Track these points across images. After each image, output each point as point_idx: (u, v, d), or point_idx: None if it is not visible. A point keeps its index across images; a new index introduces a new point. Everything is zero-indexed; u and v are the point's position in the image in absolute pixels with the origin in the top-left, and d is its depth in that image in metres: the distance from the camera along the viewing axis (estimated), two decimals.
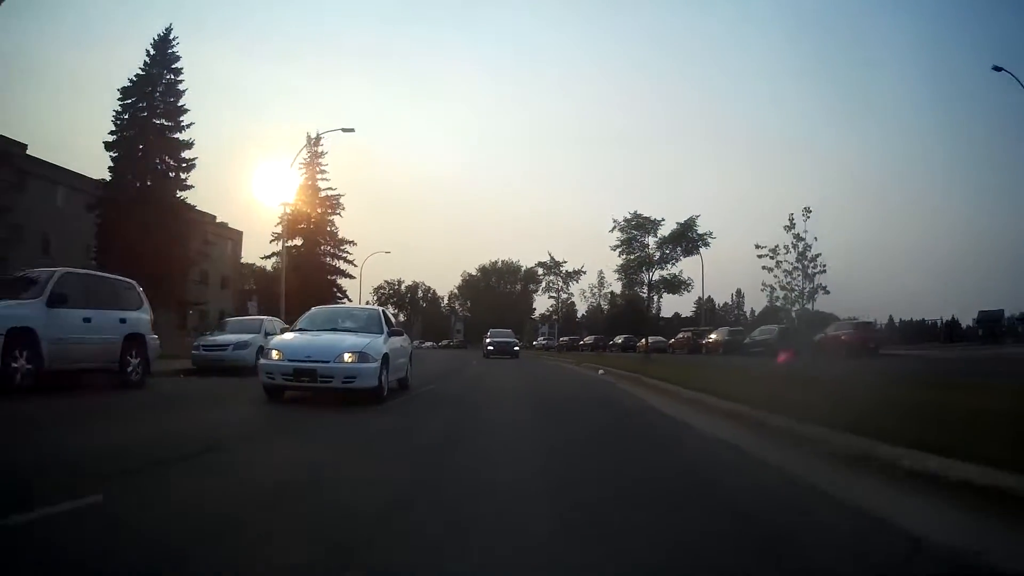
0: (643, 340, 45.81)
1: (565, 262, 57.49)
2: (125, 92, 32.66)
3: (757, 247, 25.92)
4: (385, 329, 10.90)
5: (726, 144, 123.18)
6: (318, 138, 44.30)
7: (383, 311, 12.21)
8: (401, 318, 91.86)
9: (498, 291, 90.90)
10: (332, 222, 47.85)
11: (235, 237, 50.38)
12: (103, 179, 32.43)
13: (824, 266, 25.06)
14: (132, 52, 53.34)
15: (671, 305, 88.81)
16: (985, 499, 3.47)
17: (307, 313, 11.93)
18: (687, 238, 29.47)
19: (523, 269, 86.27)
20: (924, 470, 4.03)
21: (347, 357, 9.29)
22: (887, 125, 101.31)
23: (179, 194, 32.40)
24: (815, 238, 25.04)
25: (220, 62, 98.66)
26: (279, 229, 45.81)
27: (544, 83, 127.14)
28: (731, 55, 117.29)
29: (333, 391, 9.35)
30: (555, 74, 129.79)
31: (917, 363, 20.27)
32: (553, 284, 60.24)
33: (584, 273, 63.38)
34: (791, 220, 24.86)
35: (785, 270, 25.45)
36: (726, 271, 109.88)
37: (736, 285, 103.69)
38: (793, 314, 28.25)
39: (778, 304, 28.52)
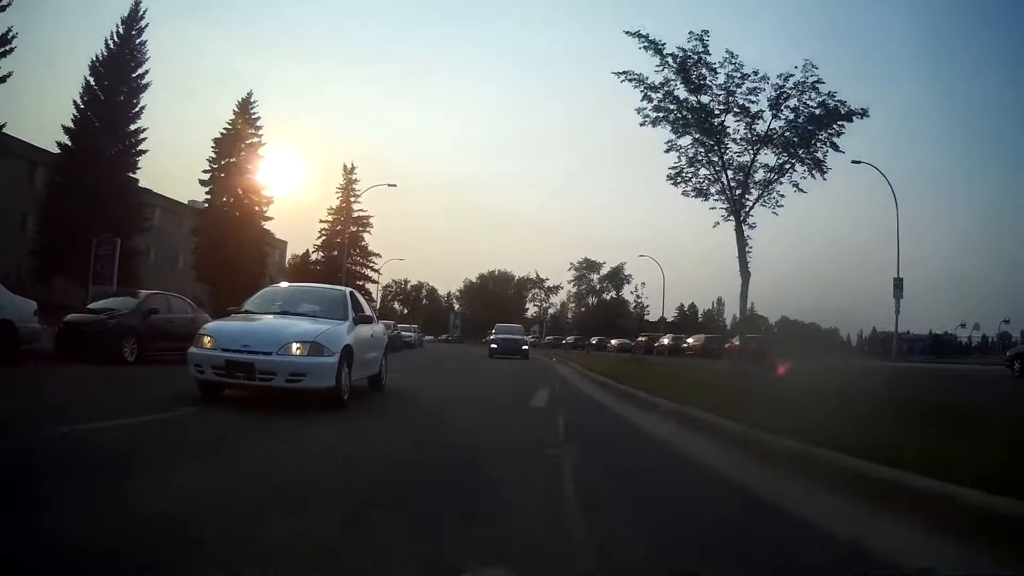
0: (612, 341, 57.82)
1: (547, 279, 70.51)
2: (218, 143, 43.16)
3: None
4: (350, 315, 8.97)
5: None
6: (353, 168, 55.85)
7: (351, 292, 10.16)
8: (404, 312, 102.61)
9: (493, 293, 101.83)
10: (362, 238, 58.71)
11: (281, 246, 60.97)
12: (203, 206, 43.23)
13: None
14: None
15: (657, 311, 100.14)
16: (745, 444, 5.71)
17: (257, 294, 10.01)
18: (618, 277, 40.58)
19: (516, 278, 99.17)
20: (691, 416, 7.48)
21: (295, 348, 7.46)
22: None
23: (263, 224, 43.17)
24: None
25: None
26: (319, 241, 57.19)
27: (544, 94, 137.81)
28: None
29: (276, 391, 7.54)
30: (559, 88, 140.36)
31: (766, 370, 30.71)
32: (536, 295, 74.00)
33: (561, 288, 77.69)
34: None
35: None
36: (710, 280, 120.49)
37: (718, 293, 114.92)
38: (772, 323, 38.04)
39: None
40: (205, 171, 43.16)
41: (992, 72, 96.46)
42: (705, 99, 15.69)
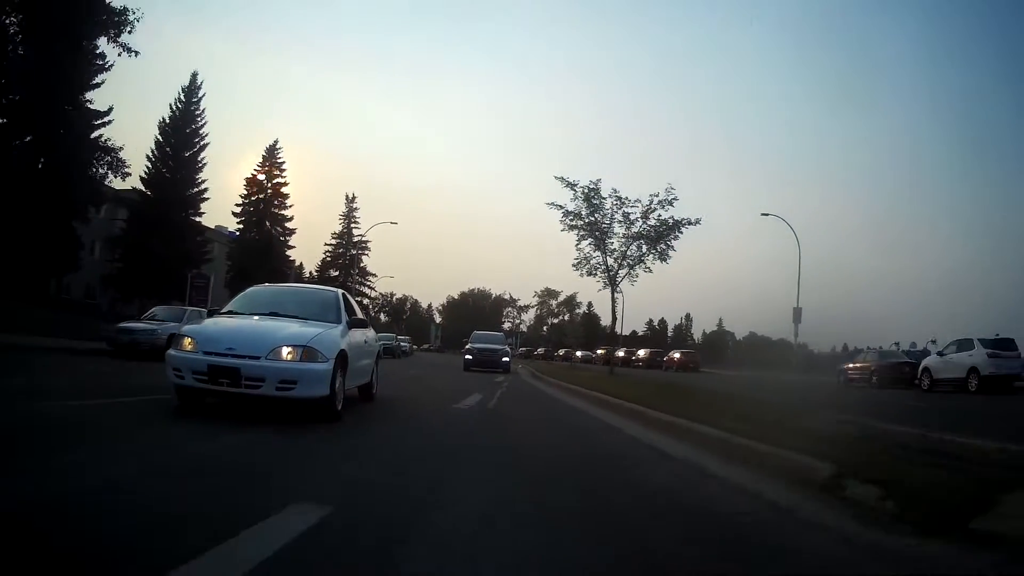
0: (577, 352, 67.35)
1: (519, 299, 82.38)
2: (248, 182, 51.73)
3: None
4: (344, 318, 8.24)
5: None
6: (354, 197, 64.85)
7: (343, 294, 9.26)
8: (388, 322, 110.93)
9: (473, 308, 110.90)
10: (361, 259, 67.38)
11: (296, 269, 69.39)
12: (231, 232, 51.74)
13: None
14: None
15: (630, 323, 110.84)
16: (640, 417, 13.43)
17: (243, 292, 9.33)
18: (572, 303, 49.31)
19: (493, 296, 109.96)
20: (606, 399, 21.80)
21: (286, 352, 6.68)
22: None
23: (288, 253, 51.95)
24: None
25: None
26: (322, 261, 65.80)
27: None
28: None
29: (265, 400, 6.72)
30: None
31: (689, 376, 39.86)
32: (510, 314, 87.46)
33: (530, 308, 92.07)
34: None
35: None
36: (681, 297, 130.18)
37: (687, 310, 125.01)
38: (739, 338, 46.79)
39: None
40: (237, 204, 51.71)
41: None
42: (597, 216, 25.56)
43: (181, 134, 41.81)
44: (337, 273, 65.32)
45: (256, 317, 7.81)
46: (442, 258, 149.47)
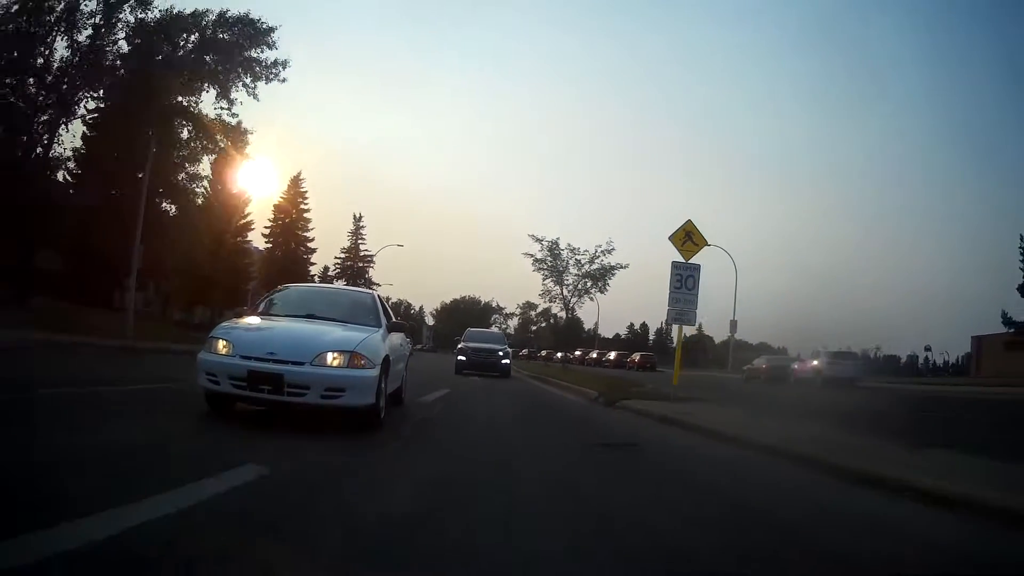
0: (558, 354, 77.04)
1: (505, 307, 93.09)
2: (275, 208, 60.72)
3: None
4: (383, 321, 7.96)
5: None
6: (360, 216, 74.04)
7: (378, 296, 9.12)
8: None
9: (464, 312, 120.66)
10: (366, 271, 76.57)
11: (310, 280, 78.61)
12: (258, 249, 60.75)
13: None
14: None
15: (612, 327, 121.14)
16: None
17: (275, 291, 8.96)
18: (548, 314, 58.81)
19: (482, 302, 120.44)
20: (551, 380, 32.32)
21: (331, 358, 6.34)
22: None
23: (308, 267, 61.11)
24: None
25: None
26: (334, 272, 74.90)
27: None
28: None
29: (308, 408, 6.34)
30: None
31: (638, 373, 49.29)
32: (497, 319, 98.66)
33: (515, 315, 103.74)
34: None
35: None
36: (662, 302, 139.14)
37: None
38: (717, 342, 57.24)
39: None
40: (266, 227, 60.80)
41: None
42: (557, 262, 36.56)
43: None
44: (346, 282, 74.57)
45: (293, 319, 7.36)
46: (434, 263, 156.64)
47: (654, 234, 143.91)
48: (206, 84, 25.88)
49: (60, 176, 33.39)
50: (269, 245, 60.29)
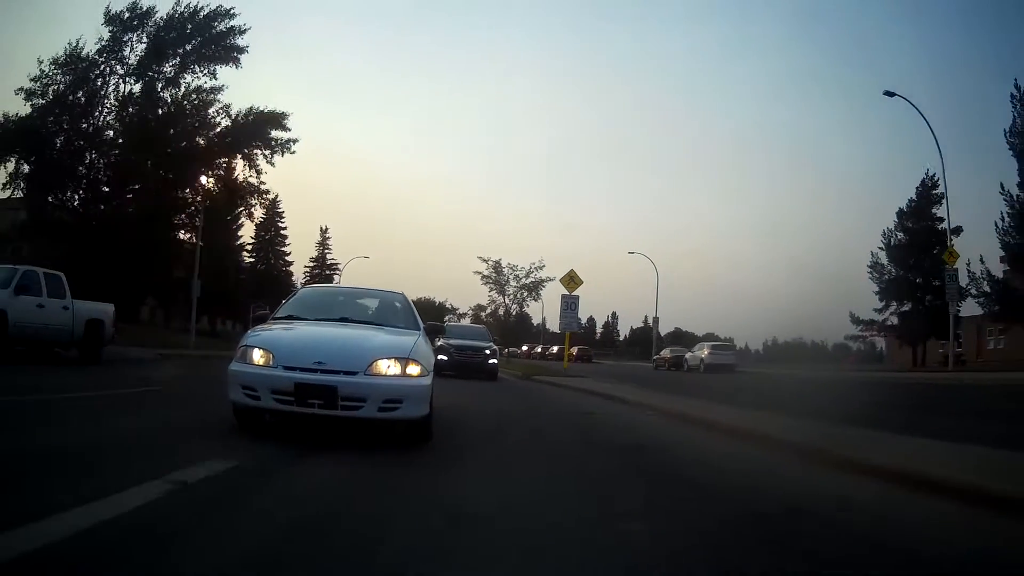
0: (507, 349, 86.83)
1: (458, 308, 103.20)
2: (257, 227, 68.69)
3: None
4: (420, 324, 7.31)
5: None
6: (326, 228, 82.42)
7: (404, 296, 8.33)
8: None
9: (420, 311, 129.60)
10: (332, 278, 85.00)
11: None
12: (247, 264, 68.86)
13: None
14: None
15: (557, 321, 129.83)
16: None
17: (296, 294, 8.11)
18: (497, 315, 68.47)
19: (437, 302, 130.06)
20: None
21: (385, 366, 5.73)
22: None
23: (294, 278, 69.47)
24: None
25: None
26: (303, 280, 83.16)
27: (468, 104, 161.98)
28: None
29: (360, 422, 5.73)
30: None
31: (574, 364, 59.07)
32: (451, 319, 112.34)
33: (468, 315, 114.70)
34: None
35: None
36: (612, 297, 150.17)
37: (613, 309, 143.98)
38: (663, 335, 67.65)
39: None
40: (249, 243, 68.74)
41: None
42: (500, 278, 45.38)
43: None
44: None
45: (327, 324, 6.63)
46: (391, 267, 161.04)
47: (607, 237, 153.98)
48: (237, 156, 35.03)
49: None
50: (253, 259, 68.39)
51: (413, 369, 5.85)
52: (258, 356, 5.73)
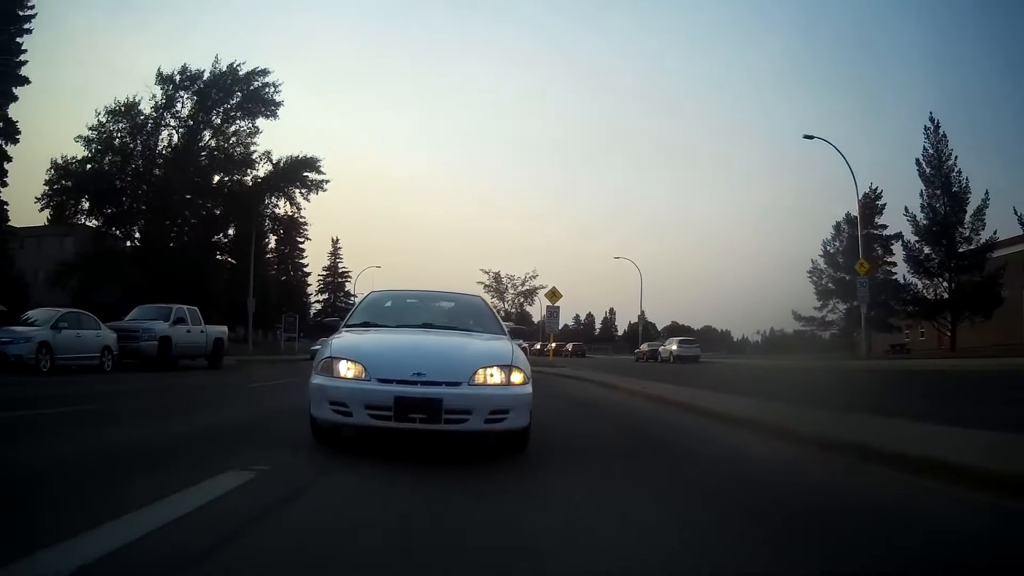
0: None
1: None
2: (277, 242, 75.73)
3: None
4: (505, 328, 6.93)
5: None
6: (337, 240, 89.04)
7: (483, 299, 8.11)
8: None
9: None
10: (344, 286, 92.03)
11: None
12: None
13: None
14: None
15: (564, 318, 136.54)
16: None
17: (365, 299, 7.65)
18: None
19: None
20: None
21: (489, 375, 5.38)
22: None
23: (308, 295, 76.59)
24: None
25: None
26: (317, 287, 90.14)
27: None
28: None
29: (463, 436, 5.43)
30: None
31: (566, 359, 65.92)
32: None
33: None
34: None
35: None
36: (607, 293, 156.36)
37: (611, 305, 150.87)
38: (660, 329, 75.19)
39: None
40: (269, 255, 75.70)
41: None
42: (500, 286, 52.58)
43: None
44: (327, 295, 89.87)
45: (410, 331, 6.33)
46: (402, 273, 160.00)
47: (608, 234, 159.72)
48: (279, 195, 42.27)
49: None
50: (274, 271, 75.24)
51: (516, 377, 5.45)
52: (346, 368, 5.28)
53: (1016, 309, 36.14)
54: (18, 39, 35.25)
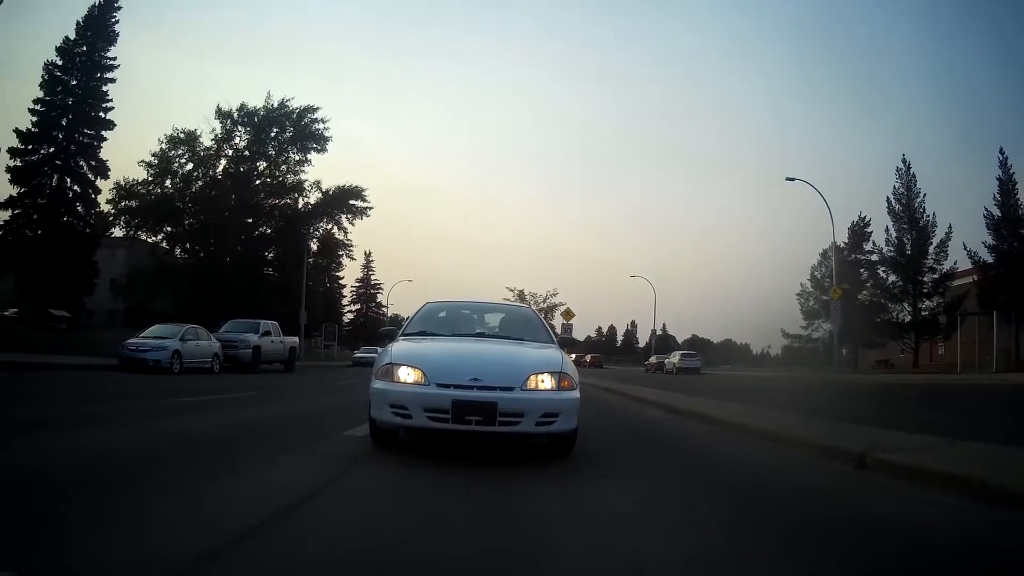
0: None
1: None
2: (314, 255, 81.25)
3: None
4: (554, 337, 7.47)
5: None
6: (370, 253, 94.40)
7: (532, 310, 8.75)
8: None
9: None
10: (375, 296, 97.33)
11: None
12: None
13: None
14: None
15: (580, 330, 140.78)
16: None
17: (421, 309, 7.91)
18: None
19: None
20: None
21: (540, 381, 5.84)
22: None
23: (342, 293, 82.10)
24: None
25: None
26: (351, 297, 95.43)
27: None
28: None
29: (514, 438, 6.07)
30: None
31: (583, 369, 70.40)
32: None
33: None
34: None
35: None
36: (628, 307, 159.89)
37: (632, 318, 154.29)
38: (680, 341, 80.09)
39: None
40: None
41: None
42: (523, 303, 57.59)
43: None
44: (360, 306, 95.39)
45: (465, 339, 6.82)
46: (431, 285, 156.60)
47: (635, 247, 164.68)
48: (328, 220, 47.90)
49: None
50: (310, 283, 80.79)
51: (566, 382, 5.87)
52: (406, 374, 5.68)
53: (972, 331, 40.11)
54: (103, 88, 40.18)
